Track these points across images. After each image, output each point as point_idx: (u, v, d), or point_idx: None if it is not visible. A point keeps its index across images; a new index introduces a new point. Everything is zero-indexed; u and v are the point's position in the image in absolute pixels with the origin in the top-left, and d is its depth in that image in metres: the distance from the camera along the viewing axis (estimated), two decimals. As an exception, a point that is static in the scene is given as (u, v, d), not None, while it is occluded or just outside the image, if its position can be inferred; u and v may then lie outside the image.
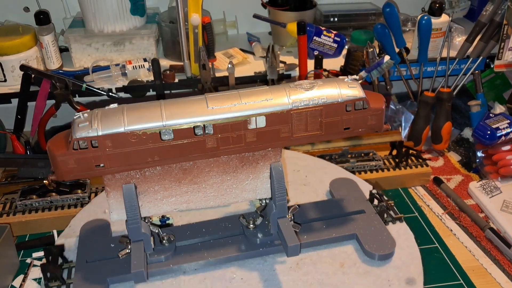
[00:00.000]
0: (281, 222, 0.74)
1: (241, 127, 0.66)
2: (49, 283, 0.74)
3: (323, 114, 0.69)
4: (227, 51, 1.32)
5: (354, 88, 0.69)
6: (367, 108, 0.70)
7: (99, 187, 1.10)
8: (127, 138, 0.64)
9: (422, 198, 1.14)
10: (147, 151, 0.66)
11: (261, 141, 0.68)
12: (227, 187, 0.74)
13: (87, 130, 0.63)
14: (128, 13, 1.23)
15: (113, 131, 0.63)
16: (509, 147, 1.17)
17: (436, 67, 1.28)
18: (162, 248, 0.76)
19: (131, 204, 0.70)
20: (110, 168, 0.66)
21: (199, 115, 0.65)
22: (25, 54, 1.18)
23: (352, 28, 1.39)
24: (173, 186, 0.73)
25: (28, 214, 1.03)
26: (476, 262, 0.96)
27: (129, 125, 0.64)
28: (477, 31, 1.25)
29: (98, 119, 0.64)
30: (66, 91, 1.16)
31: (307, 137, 0.70)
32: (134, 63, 1.19)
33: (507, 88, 1.45)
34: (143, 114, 0.65)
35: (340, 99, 0.69)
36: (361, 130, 0.72)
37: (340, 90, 0.69)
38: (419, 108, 1.27)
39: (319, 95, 0.68)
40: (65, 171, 0.65)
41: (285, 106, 0.67)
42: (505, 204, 1.08)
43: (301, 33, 1.17)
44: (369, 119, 0.71)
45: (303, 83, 0.69)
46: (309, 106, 0.68)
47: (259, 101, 0.66)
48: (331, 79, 0.71)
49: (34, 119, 1.21)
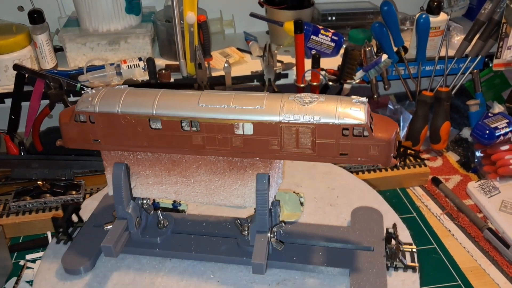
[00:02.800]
0: (258, 236, 0.71)
1: (228, 130, 0.64)
2: (59, 236, 0.81)
3: (316, 134, 0.62)
4: (223, 50, 1.31)
5: (357, 111, 0.61)
6: (368, 136, 0.61)
7: (94, 188, 1.09)
8: (119, 120, 0.67)
9: (420, 199, 1.13)
10: (136, 136, 0.68)
11: (248, 149, 0.65)
12: (215, 188, 0.73)
13: (87, 106, 0.67)
14: (123, 12, 1.22)
15: (108, 111, 0.67)
16: (508, 147, 1.16)
17: (435, 66, 1.27)
18: (156, 231, 0.79)
19: (117, 183, 0.72)
20: (105, 145, 0.70)
21: (187, 110, 0.65)
22: (18, 53, 1.16)
23: (350, 27, 1.38)
24: (163, 175, 0.74)
25: (22, 215, 1.02)
26: (475, 263, 0.95)
27: (123, 108, 0.66)
28: (476, 29, 1.24)
29: (99, 97, 0.67)
30: (60, 91, 1.15)
31: (298, 154, 0.65)
32: (129, 62, 1.18)
33: (506, 87, 1.44)
34: (138, 100, 0.67)
35: (336, 121, 0.61)
36: (361, 159, 0.63)
37: (338, 110, 0.62)
38: (418, 107, 1.26)
39: (314, 112, 0.62)
40: (68, 139, 0.71)
41: (274, 117, 0.62)
42: (504, 204, 1.07)
43: (298, 32, 1.15)
44: (371, 149, 0.62)
45: (304, 96, 0.63)
46: (299, 122, 0.62)
47: (249, 107, 0.63)
48: (335, 97, 0.63)
49: (28, 120, 1.19)
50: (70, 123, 0.69)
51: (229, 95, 0.65)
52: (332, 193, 0.91)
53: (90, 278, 0.75)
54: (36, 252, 0.98)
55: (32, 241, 1.00)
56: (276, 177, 0.72)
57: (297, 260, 0.74)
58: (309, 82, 1.19)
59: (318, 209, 0.87)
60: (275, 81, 1.22)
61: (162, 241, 0.78)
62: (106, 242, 0.73)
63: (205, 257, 0.76)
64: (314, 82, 1.18)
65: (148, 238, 0.78)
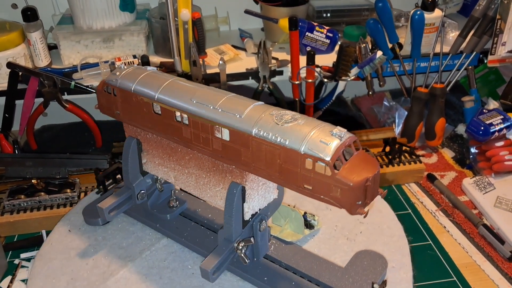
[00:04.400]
0: (222, 243, 0.70)
1: (209, 131, 0.64)
2: (98, 188, 0.93)
3: (281, 157, 0.58)
4: (218, 47, 1.31)
5: (325, 144, 0.55)
6: (330, 175, 0.55)
7: (89, 186, 1.08)
8: (132, 98, 0.71)
9: (415, 195, 1.13)
10: (143, 116, 0.72)
11: (226, 154, 0.64)
12: (203, 184, 0.74)
13: (113, 79, 0.73)
14: (117, 9, 1.21)
15: (125, 87, 0.72)
16: (503, 143, 1.16)
17: (430, 62, 1.27)
18: (165, 209, 0.84)
19: (125, 154, 0.79)
20: (123, 117, 0.76)
21: (180, 102, 0.66)
22: (12, 51, 1.16)
23: (345, 24, 1.38)
24: (165, 158, 0.77)
25: (16, 214, 1.02)
26: (470, 259, 0.95)
27: (135, 87, 0.71)
28: (471, 26, 1.24)
29: (123, 74, 0.73)
30: (54, 89, 1.15)
31: (267, 174, 0.61)
32: (123, 60, 1.17)
33: (501, 83, 1.44)
34: (150, 83, 0.70)
35: (301, 149, 0.56)
36: (323, 198, 0.57)
37: (308, 138, 0.56)
38: (413, 104, 1.26)
39: (285, 134, 0.57)
40: (100, 105, 0.78)
41: (247, 129, 0.60)
42: (499, 200, 1.07)
43: (292, 29, 1.15)
44: (333, 190, 0.55)
45: (285, 115, 0.59)
46: (267, 139, 0.58)
47: (229, 113, 0.62)
48: (317, 124, 0.58)
49: (22, 118, 1.19)
50: (101, 91, 0.76)
51: (222, 96, 0.65)
52: (358, 227, 0.85)
53: (98, 231, 0.84)
54: (31, 251, 0.97)
55: (27, 240, 1.00)
56: (261, 190, 0.69)
57: (267, 282, 0.71)
58: (304, 79, 1.19)
59: (332, 238, 0.83)
60: (270, 78, 1.22)
61: (163, 219, 0.83)
62: (101, 204, 0.81)
63: (191, 247, 0.79)
64: (309, 79, 1.18)
65: (155, 212, 0.83)
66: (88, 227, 0.85)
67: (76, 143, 1.36)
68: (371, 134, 1.27)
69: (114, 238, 0.83)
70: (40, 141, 1.31)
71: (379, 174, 0.58)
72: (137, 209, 0.86)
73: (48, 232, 0.87)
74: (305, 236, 0.82)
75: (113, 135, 1.36)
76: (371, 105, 1.50)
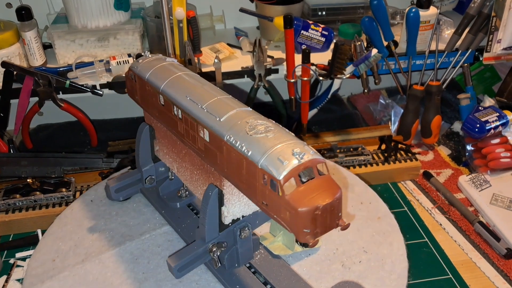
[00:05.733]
0: (196, 242, 0.69)
1: (194, 129, 0.64)
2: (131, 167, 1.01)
3: (245, 168, 0.55)
4: (214, 46, 1.31)
5: (281, 162, 0.51)
6: (281, 196, 0.51)
7: (84, 185, 1.08)
8: (145, 86, 0.74)
9: (411, 193, 1.13)
10: (153, 105, 0.74)
11: (207, 155, 0.63)
12: (196, 180, 0.74)
13: (134, 66, 0.77)
14: (112, 8, 1.21)
15: (141, 75, 0.74)
16: (499, 140, 1.16)
17: (425, 60, 1.27)
18: (174, 197, 0.86)
19: (137, 139, 0.83)
20: (141, 103, 0.79)
21: (177, 97, 0.67)
22: (6, 50, 1.15)
23: (340, 22, 1.38)
24: (170, 148, 0.79)
25: (12, 213, 1.01)
26: (465, 256, 0.95)
27: (149, 77, 0.73)
28: (466, 23, 1.24)
29: (145, 61, 0.75)
30: (49, 88, 1.15)
31: (235, 182, 0.59)
32: (118, 58, 1.17)
33: (496, 80, 1.44)
34: (161, 74, 0.72)
35: (260, 163, 0.52)
36: (276, 217, 0.54)
37: (269, 153, 0.52)
38: (408, 102, 1.26)
39: (250, 145, 0.54)
40: (127, 88, 0.82)
41: (222, 133, 0.58)
42: (495, 198, 1.07)
43: (287, 27, 1.15)
44: (283, 211, 0.52)
45: (260, 125, 0.57)
46: (234, 147, 0.56)
47: (212, 115, 0.61)
48: (286, 138, 0.54)
49: (17, 117, 1.19)
50: (128, 76, 0.79)
51: (213, 96, 0.64)
52: (359, 255, 0.79)
53: (115, 206, 0.88)
54: (26, 250, 0.97)
55: (22, 239, 0.99)
56: (245, 198, 0.67)
57: None
58: (300, 77, 1.19)
59: (326, 261, 0.77)
60: (266, 76, 1.22)
61: (170, 206, 0.85)
62: (109, 182, 0.86)
63: (184, 238, 0.80)
64: (305, 77, 1.18)
65: (164, 199, 0.85)
66: (108, 201, 0.90)
67: (71, 142, 1.36)
68: (367, 132, 1.27)
69: (126, 216, 0.86)
70: (36, 140, 1.31)
71: (337, 205, 0.52)
72: (152, 193, 0.89)
73: (44, 231, 0.88)
74: (300, 253, 0.78)
75: (109, 135, 1.36)
76: (367, 103, 1.50)
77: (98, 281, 0.74)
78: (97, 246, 0.80)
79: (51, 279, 0.75)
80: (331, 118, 1.45)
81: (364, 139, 1.25)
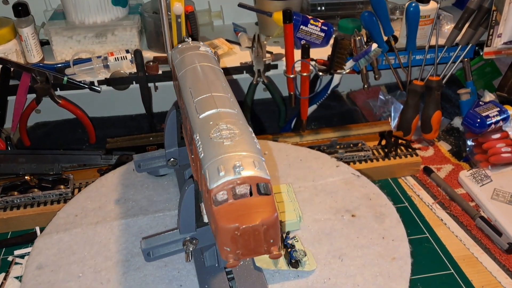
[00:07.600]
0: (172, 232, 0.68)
1: (188, 122, 0.64)
2: None
3: (199, 169, 0.53)
4: (212, 41, 1.30)
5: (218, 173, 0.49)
6: (211, 206, 0.50)
7: (83, 183, 1.07)
8: (175, 72, 0.75)
9: (412, 188, 1.13)
10: (178, 90, 0.75)
11: (191, 149, 0.63)
12: (195, 171, 0.73)
13: (173, 51, 0.79)
14: (109, 4, 1.20)
15: (174, 62, 0.76)
16: (499, 135, 1.16)
17: (425, 55, 1.26)
18: None
19: (166, 121, 0.83)
20: (176, 88, 0.78)
21: (183, 88, 0.67)
22: (3, 47, 1.14)
23: (339, 17, 1.37)
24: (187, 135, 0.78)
25: (10, 211, 1.01)
26: (467, 251, 0.95)
27: (175, 63, 0.75)
28: (466, 18, 1.23)
29: (181, 48, 0.77)
30: (47, 84, 1.14)
31: (197, 180, 0.58)
32: (116, 54, 1.16)
33: (497, 75, 1.44)
34: (184, 62, 0.73)
35: (203, 168, 0.51)
36: (211, 228, 0.53)
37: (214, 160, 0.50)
38: (408, 97, 1.25)
39: (206, 148, 0.53)
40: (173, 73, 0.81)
41: (194, 130, 0.58)
42: (496, 193, 1.07)
43: (287, 22, 1.14)
44: (212, 222, 0.51)
45: (227, 129, 0.55)
46: (197, 146, 0.55)
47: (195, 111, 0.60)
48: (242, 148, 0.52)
49: (14, 114, 1.18)
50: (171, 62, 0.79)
51: (208, 91, 0.64)
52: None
53: (149, 180, 0.92)
54: (24, 248, 0.96)
55: (21, 237, 0.99)
56: None
57: None
58: (299, 72, 1.18)
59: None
60: (265, 72, 1.21)
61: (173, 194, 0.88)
62: (136, 156, 0.88)
63: None
64: (304, 72, 1.17)
65: (181, 183, 0.87)
66: (146, 173, 0.94)
67: (69, 139, 1.35)
68: (366, 128, 1.26)
69: (153, 191, 0.90)
70: (34, 138, 1.30)
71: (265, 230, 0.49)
72: (181, 174, 0.90)
73: (42, 229, 0.87)
74: (288, 272, 0.73)
75: (107, 132, 1.35)
76: (367, 99, 1.49)
77: (100, 244, 0.80)
78: (115, 213, 0.86)
79: (65, 232, 0.83)
80: (330, 114, 1.44)
81: (364, 135, 1.24)
